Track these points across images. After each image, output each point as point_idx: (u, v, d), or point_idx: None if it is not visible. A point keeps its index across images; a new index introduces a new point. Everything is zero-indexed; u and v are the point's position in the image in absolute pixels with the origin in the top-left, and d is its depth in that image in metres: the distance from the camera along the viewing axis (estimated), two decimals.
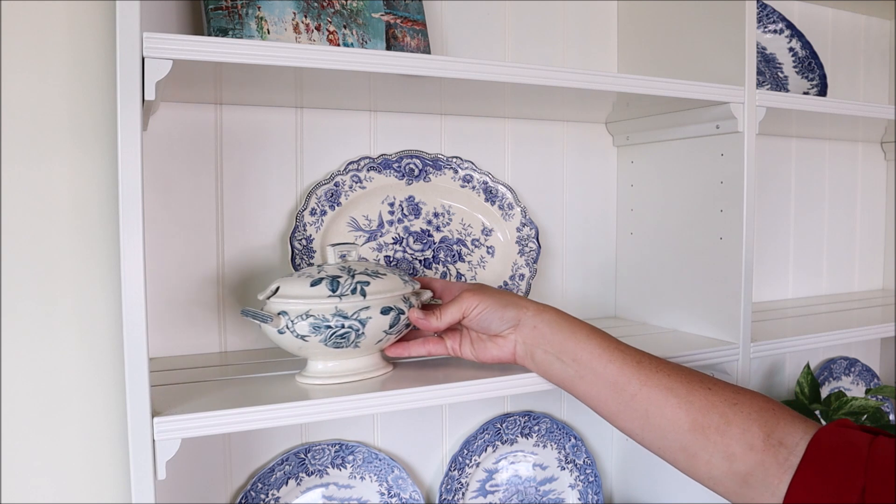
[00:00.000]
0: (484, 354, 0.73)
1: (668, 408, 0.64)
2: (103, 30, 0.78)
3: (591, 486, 1.06)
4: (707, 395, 0.63)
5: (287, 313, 0.67)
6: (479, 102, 0.90)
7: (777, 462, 0.58)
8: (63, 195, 0.78)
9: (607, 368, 0.66)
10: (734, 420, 0.61)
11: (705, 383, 0.65)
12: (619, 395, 0.66)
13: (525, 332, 0.70)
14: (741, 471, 0.60)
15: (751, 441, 0.60)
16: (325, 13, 0.81)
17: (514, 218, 0.96)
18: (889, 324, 1.05)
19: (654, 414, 0.64)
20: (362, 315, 0.67)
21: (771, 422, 0.61)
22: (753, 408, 0.62)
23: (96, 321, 0.79)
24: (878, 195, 1.42)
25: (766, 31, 1.16)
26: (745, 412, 0.62)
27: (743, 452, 0.60)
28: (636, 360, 0.67)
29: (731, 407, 0.62)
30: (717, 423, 0.62)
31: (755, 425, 0.61)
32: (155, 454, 0.60)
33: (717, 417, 0.62)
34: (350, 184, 0.88)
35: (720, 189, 0.91)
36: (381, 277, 0.71)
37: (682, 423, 0.63)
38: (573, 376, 0.68)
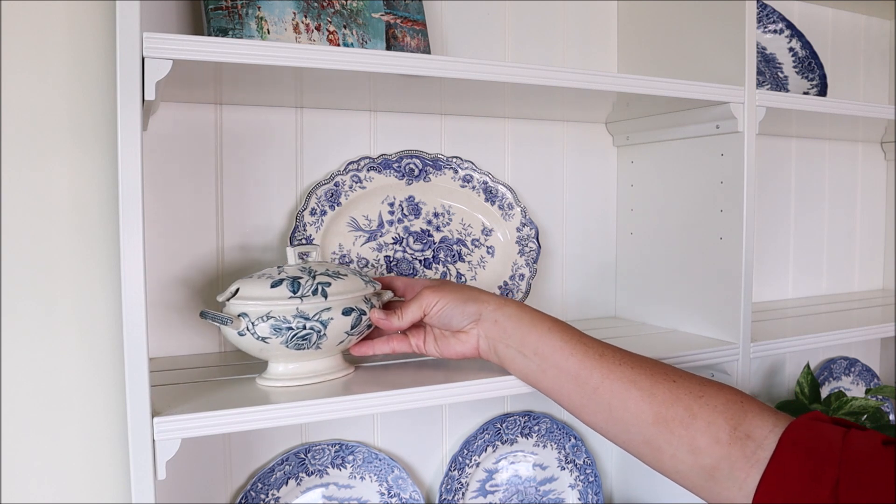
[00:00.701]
0: (447, 350, 0.72)
1: (630, 401, 0.63)
2: (103, 30, 0.78)
3: (591, 486, 1.06)
4: (671, 388, 0.62)
5: (248, 315, 0.66)
6: (479, 102, 0.90)
7: (744, 455, 0.57)
8: (63, 195, 0.78)
9: (568, 361, 0.66)
10: (699, 413, 0.60)
11: (670, 376, 0.64)
12: (581, 388, 0.65)
13: (486, 327, 0.70)
14: (707, 465, 0.59)
15: (716, 434, 0.59)
16: (325, 13, 0.81)
17: (514, 218, 0.96)
18: (889, 324, 1.05)
19: (616, 407, 0.63)
20: (324, 316, 0.67)
21: (738, 415, 0.59)
22: (720, 400, 0.61)
23: (96, 321, 0.79)
24: (878, 195, 1.42)
25: (766, 31, 1.16)
26: (711, 405, 0.60)
27: (708, 446, 0.59)
28: (598, 353, 0.66)
29: (697, 400, 0.61)
30: (682, 416, 0.61)
31: (721, 418, 0.59)
32: (155, 454, 0.60)
33: (681, 410, 0.61)
34: (350, 184, 0.88)
35: (720, 189, 0.91)
36: (341, 278, 0.70)
37: (646, 416, 0.62)
38: (535, 370, 0.68)
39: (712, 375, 0.93)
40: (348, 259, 0.87)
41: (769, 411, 0.60)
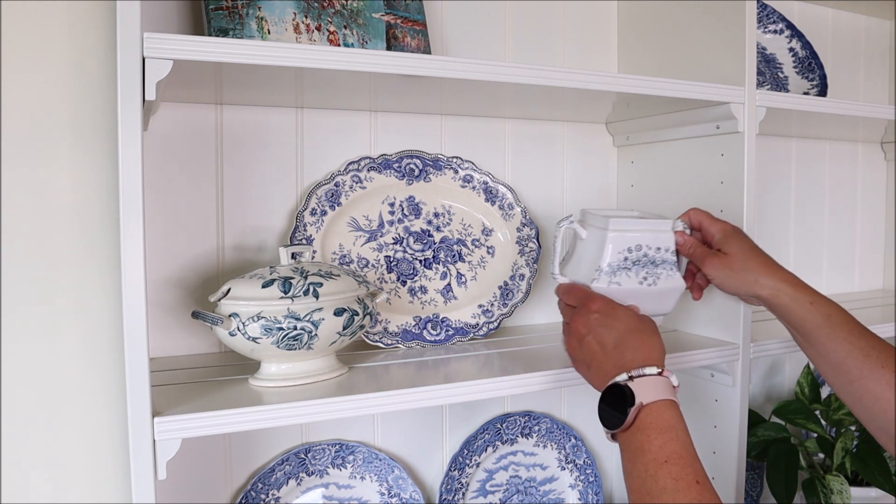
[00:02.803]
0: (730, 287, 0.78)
1: (882, 401, 0.67)
2: (103, 30, 0.78)
3: (591, 486, 1.06)
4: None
5: (238, 315, 0.66)
6: (479, 102, 0.90)
7: None
8: (63, 195, 0.78)
9: (835, 354, 0.71)
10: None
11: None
12: (838, 375, 0.71)
13: (773, 303, 0.75)
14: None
15: None
16: (325, 13, 0.81)
17: (515, 218, 0.96)
18: (889, 324, 1.05)
19: (868, 400, 0.68)
20: (315, 317, 0.67)
21: None
22: None
23: (96, 321, 0.79)
24: (878, 195, 1.42)
25: (766, 31, 1.16)
26: None
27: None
28: (864, 353, 0.69)
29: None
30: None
31: None
32: (155, 454, 0.60)
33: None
34: (350, 184, 0.88)
35: (720, 189, 0.91)
36: (334, 278, 0.70)
37: (892, 417, 0.65)
38: (803, 343, 0.75)
39: (712, 376, 0.93)
40: (348, 259, 0.88)
41: None
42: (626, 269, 0.78)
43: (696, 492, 0.56)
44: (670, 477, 0.57)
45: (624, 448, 0.62)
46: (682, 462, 0.58)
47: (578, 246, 0.81)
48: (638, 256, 0.78)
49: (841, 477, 1.02)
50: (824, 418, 1.11)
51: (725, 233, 0.78)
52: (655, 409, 0.61)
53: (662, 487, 0.56)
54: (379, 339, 0.86)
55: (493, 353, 0.86)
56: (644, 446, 0.60)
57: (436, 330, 0.90)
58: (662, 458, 0.58)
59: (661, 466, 0.58)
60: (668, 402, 0.62)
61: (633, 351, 0.67)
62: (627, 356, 0.66)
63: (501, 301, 0.94)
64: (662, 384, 0.63)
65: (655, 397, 0.62)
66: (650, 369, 0.64)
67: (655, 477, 0.57)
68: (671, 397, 0.63)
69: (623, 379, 0.64)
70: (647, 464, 0.59)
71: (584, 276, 0.78)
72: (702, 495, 0.55)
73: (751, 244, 0.78)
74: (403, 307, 0.90)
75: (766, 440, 1.07)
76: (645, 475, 0.58)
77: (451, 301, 0.92)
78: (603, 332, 0.69)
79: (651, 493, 0.57)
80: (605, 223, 0.77)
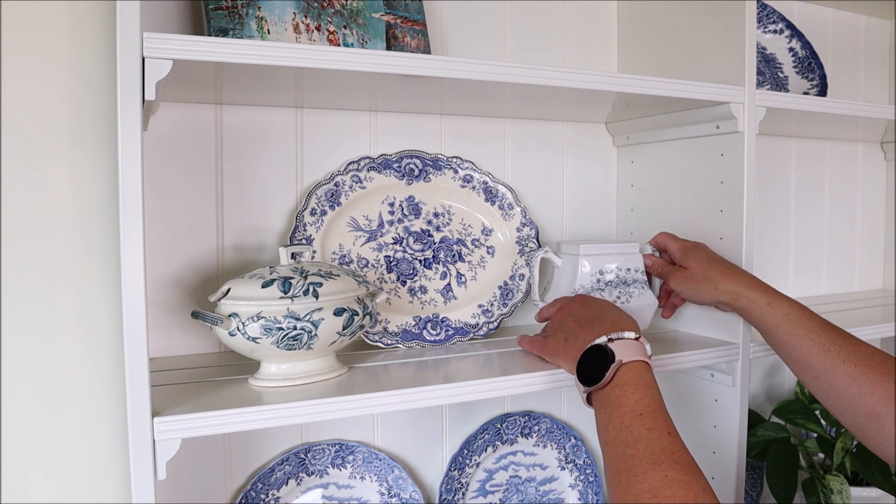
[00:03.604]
0: None
1: (847, 396, 0.70)
2: (103, 30, 0.78)
3: (591, 486, 1.06)
4: (890, 389, 0.67)
5: (238, 315, 0.66)
6: (479, 102, 0.90)
7: None
8: (63, 195, 0.78)
9: (796, 352, 0.75)
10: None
11: (892, 375, 0.68)
12: (804, 371, 0.75)
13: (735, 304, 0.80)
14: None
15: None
16: (325, 13, 0.81)
17: (514, 218, 0.96)
18: (889, 324, 1.05)
19: (833, 395, 0.71)
20: (315, 317, 0.67)
21: None
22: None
23: (96, 321, 0.79)
24: (878, 195, 1.42)
25: (766, 31, 1.16)
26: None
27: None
28: (824, 349, 0.72)
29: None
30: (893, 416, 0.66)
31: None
32: (155, 454, 0.60)
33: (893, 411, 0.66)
34: (350, 184, 0.88)
35: (720, 189, 0.91)
36: (334, 278, 0.70)
37: (859, 409, 0.68)
38: (768, 341, 0.79)
39: (712, 376, 0.93)
40: (348, 259, 0.88)
41: None
42: (601, 289, 0.87)
43: (667, 441, 0.59)
44: (644, 427, 0.60)
45: (601, 405, 0.66)
46: (655, 415, 0.62)
47: (555, 274, 0.91)
48: (610, 278, 0.88)
49: (841, 477, 1.02)
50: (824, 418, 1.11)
51: (685, 249, 0.86)
52: (633, 368, 0.66)
53: (637, 437, 0.60)
54: (379, 339, 0.86)
55: (493, 353, 0.86)
56: (621, 400, 0.63)
57: (436, 330, 0.90)
58: (638, 410, 0.62)
59: (636, 418, 0.61)
60: (644, 363, 0.67)
61: (611, 322, 0.72)
62: (606, 325, 0.71)
63: (501, 301, 0.94)
64: (639, 348, 0.68)
65: (633, 357, 0.66)
66: (629, 334, 0.69)
67: (630, 428, 0.61)
68: (647, 360, 0.68)
69: (603, 341, 0.69)
70: (622, 416, 0.62)
71: None
72: (673, 444, 0.59)
73: (709, 255, 0.84)
74: (403, 307, 0.90)
75: (766, 440, 1.07)
76: (620, 426, 0.61)
77: (451, 301, 0.92)
78: (582, 311, 0.76)
79: (626, 442, 0.60)
80: (576, 250, 0.88)
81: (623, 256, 0.88)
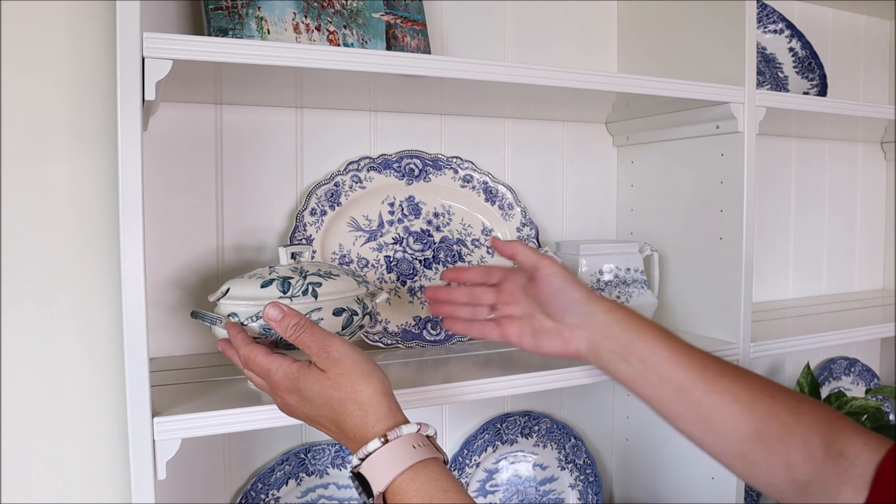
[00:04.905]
0: (545, 345, 0.71)
1: (730, 415, 0.63)
2: (103, 30, 0.78)
3: (591, 486, 1.06)
4: (771, 404, 0.62)
5: (237, 315, 0.66)
6: (479, 102, 0.90)
7: (837, 473, 0.57)
8: (63, 195, 0.78)
9: (673, 372, 0.66)
10: (795, 430, 0.60)
11: (769, 391, 0.64)
12: (683, 398, 0.65)
13: (594, 328, 0.69)
14: (800, 480, 0.59)
15: (811, 452, 0.59)
16: (325, 13, 0.81)
17: (514, 218, 0.96)
18: (889, 324, 1.05)
19: (716, 420, 0.63)
20: (313, 316, 0.66)
21: (832, 432, 0.60)
22: (815, 418, 0.61)
23: (96, 321, 0.79)
24: (878, 195, 1.42)
25: (766, 31, 1.16)
26: (807, 422, 0.61)
27: (802, 462, 0.59)
28: (702, 365, 0.66)
29: (794, 416, 0.61)
30: (779, 433, 0.61)
31: (816, 436, 0.60)
32: (155, 454, 0.60)
33: (778, 427, 0.61)
34: (350, 184, 0.88)
35: (720, 189, 0.91)
36: (333, 278, 0.70)
37: (744, 430, 0.62)
38: (637, 377, 0.67)
39: None
40: (348, 259, 0.88)
41: (860, 429, 0.60)
42: (600, 289, 0.87)
43: None
44: None
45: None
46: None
47: None
48: (609, 278, 0.88)
49: None
50: None
51: (542, 255, 0.73)
52: (394, 494, 0.51)
53: None
54: (379, 339, 0.86)
55: (493, 353, 0.86)
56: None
57: (436, 330, 0.90)
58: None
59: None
60: (408, 474, 0.51)
61: (350, 430, 0.55)
62: (349, 434, 0.55)
63: None
64: (392, 454, 0.52)
65: (389, 478, 0.51)
66: (372, 444, 0.53)
67: None
68: (410, 462, 0.52)
69: (355, 465, 0.54)
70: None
71: None
72: None
73: None
74: (403, 307, 0.90)
75: None
76: None
77: None
78: (314, 415, 0.58)
79: None
80: (576, 249, 0.88)
81: (622, 256, 0.88)
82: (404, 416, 0.56)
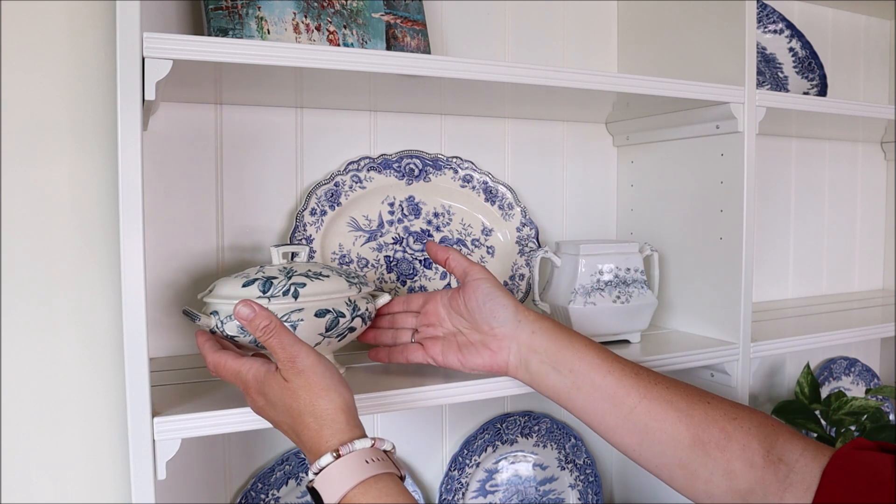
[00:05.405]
0: (472, 361, 0.69)
1: (668, 422, 0.61)
2: (103, 30, 0.78)
3: (591, 486, 1.06)
4: (707, 410, 0.61)
5: (218, 313, 0.66)
6: (479, 102, 0.90)
7: (777, 479, 0.57)
8: (63, 195, 0.78)
9: (605, 380, 0.64)
10: (734, 435, 0.60)
11: (704, 397, 0.63)
12: (617, 407, 0.63)
13: (522, 339, 0.67)
14: (741, 489, 0.58)
15: (751, 458, 0.58)
16: (325, 13, 0.81)
17: (514, 218, 0.96)
18: (889, 324, 1.05)
19: (653, 428, 0.62)
20: (293, 317, 0.65)
21: (770, 437, 0.59)
22: (752, 423, 0.61)
23: (96, 321, 0.79)
24: (878, 195, 1.42)
25: (766, 31, 1.16)
26: (745, 427, 0.60)
27: (743, 469, 0.58)
28: (634, 373, 0.64)
29: (731, 422, 0.61)
30: (718, 439, 0.60)
31: (755, 441, 0.59)
32: (155, 454, 0.60)
33: (717, 432, 0.60)
34: (350, 184, 0.88)
35: (720, 189, 0.91)
36: (321, 279, 0.68)
37: (683, 437, 0.61)
38: (569, 388, 0.65)
39: (712, 376, 0.93)
40: (348, 259, 0.88)
41: (798, 435, 0.60)
42: (600, 289, 0.86)
43: None
44: None
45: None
46: None
47: (555, 273, 0.90)
48: (609, 278, 0.87)
49: None
50: (824, 418, 1.11)
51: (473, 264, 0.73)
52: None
53: None
54: None
55: None
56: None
57: None
58: None
59: None
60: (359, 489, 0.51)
61: (306, 441, 0.55)
62: (306, 446, 0.56)
63: None
64: (344, 469, 0.52)
65: (341, 492, 0.51)
66: (324, 459, 0.53)
67: None
68: (362, 477, 0.52)
69: (309, 479, 0.54)
70: None
71: (562, 299, 0.87)
72: None
73: None
74: None
75: None
76: None
77: None
78: (278, 420, 0.58)
79: None
80: (576, 249, 0.87)
81: (622, 256, 0.88)
82: (362, 431, 0.56)
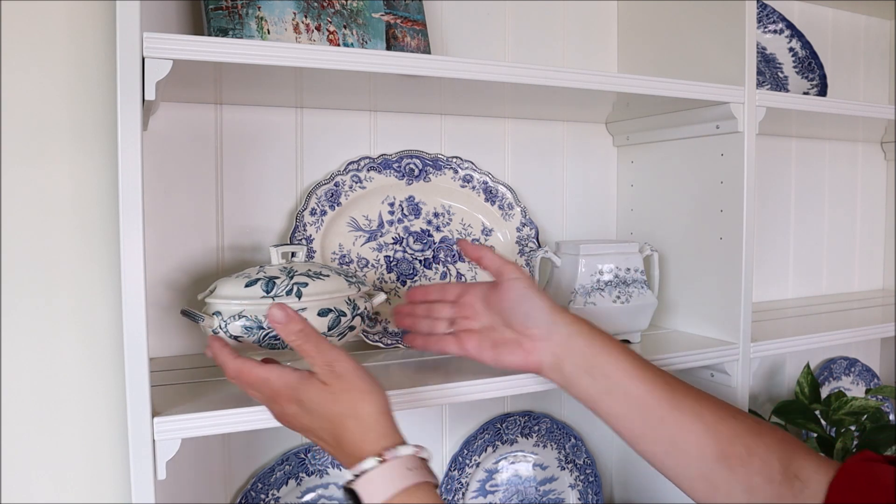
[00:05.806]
0: (506, 358, 0.69)
1: (695, 434, 0.62)
2: (103, 30, 0.78)
3: (591, 486, 1.06)
4: (733, 425, 0.62)
5: (221, 314, 0.66)
6: (478, 102, 0.90)
7: (793, 494, 0.58)
8: (63, 195, 0.78)
9: (638, 388, 0.64)
10: (756, 451, 0.60)
11: (730, 411, 0.64)
12: (646, 417, 0.64)
13: (558, 341, 0.67)
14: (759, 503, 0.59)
15: (770, 473, 0.59)
16: (325, 13, 0.81)
17: (514, 218, 0.96)
18: (889, 324, 1.05)
19: (681, 440, 0.62)
20: None
21: (789, 454, 0.60)
22: (773, 439, 0.61)
23: (96, 321, 0.79)
24: (878, 195, 1.42)
25: (766, 31, 1.16)
26: (767, 443, 0.61)
27: (762, 485, 0.59)
28: (665, 382, 0.65)
29: (755, 438, 0.61)
30: (741, 454, 0.61)
31: (774, 457, 0.60)
32: (155, 454, 0.60)
33: (741, 448, 0.61)
34: (350, 184, 0.88)
35: (720, 189, 0.91)
36: (322, 279, 0.69)
37: (709, 451, 0.61)
38: (601, 393, 0.65)
39: (712, 376, 0.93)
40: (348, 259, 0.88)
41: (813, 452, 0.61)
42: (600, 289, 0.86)
43: None
44: None
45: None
46: None
47: (555, 273, 0.90)
48: (609, 278, 0.87)
49: None
50: (824, 418, 1.11)
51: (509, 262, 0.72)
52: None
53: None
54: (379, 339, 0.86)
55: None
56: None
57: None
58: None
59: None
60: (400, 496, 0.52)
61: (347, 445, 0.55)
62: (346, 449, 0.55)
63: None
64: (387, 474, 0.52)
65: (382, 498, 0.51)
66: (368, 462, 0.53)
67: None
68: (404, 484, 0.52)
69: (348, 481, 0.54)
70: None
71: (562, 299, 0.86)
72: None
73: None
74: None
75: None
76: None
77: None
78: (313, 427, 0.58)
79: None
80: (576, 249, 0.87)
81: (622, 256, 0.88)
82: (402, 436, 0.56)
